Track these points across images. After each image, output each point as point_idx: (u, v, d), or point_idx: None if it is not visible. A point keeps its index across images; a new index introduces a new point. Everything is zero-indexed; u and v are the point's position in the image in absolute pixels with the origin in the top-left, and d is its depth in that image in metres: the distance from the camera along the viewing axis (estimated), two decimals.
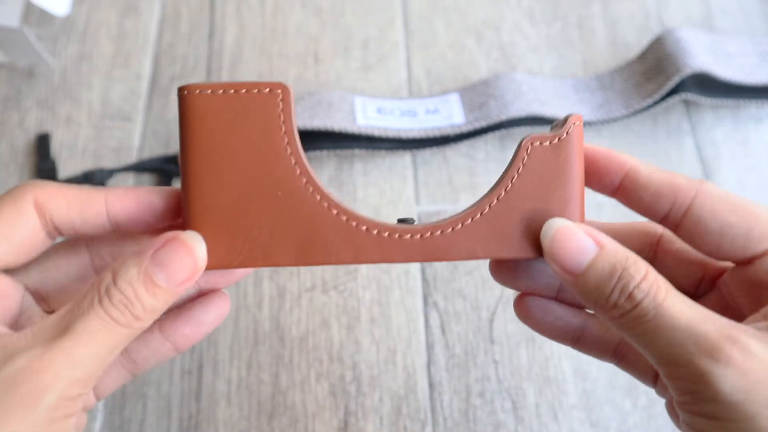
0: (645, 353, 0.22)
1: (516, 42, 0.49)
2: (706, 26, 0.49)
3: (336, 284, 0.41)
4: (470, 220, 0.24)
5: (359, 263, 0.24)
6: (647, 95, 0.44)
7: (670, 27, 0.47)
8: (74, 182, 0.43)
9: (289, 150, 0.23)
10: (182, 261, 0.22)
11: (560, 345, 0.29)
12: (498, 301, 0.40)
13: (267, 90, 0.23)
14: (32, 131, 0.46)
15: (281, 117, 0.23)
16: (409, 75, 0.48)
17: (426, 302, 0.40)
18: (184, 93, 0.23)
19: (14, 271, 0.25)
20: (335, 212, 0.23)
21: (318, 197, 0.23)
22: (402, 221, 0.25)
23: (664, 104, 0.44)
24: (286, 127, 0.23)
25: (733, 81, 0.44)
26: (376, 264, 0.40)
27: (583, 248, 0.22)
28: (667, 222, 0.24)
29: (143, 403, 0.38)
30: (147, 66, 0.49)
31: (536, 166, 0.24)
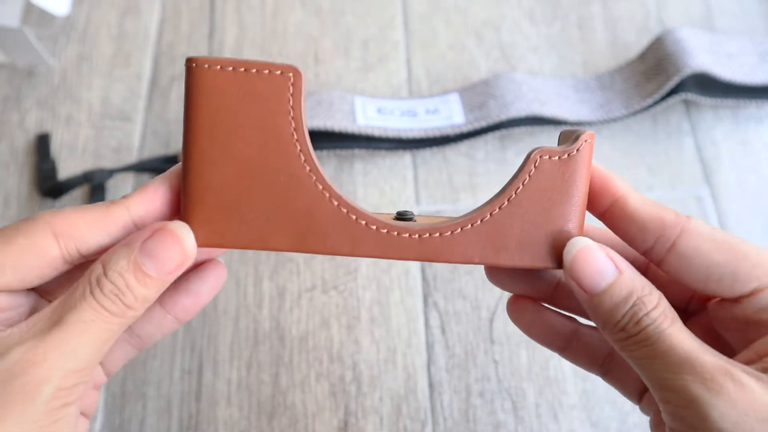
0: (641, 375, 0.22)
1: (516, 42, 0.49)
2: (706, 26, 0.49)
3: (336, 284, 0.41)
4: (470, 226, 0.24)
5: (355, 256, 0.24)
6: (647, 95, 0.44)
7: (670, 27, 0.47)
8: (74, 182, 0.43)
9: (296, 136, 0.23)
10: (171, 250, 0.22)
11: None
12: (498, 301, 0.40)
13: (278, 72, 0.22)
14: (32, 131, 0.46)
15: (290, 101, 0.23)
16: (409, 75, 0.48)
17: (426, 302, 0.40)
18: (193, 65, 0.22)
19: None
20: (336, 203, 0.23)
21: (320, 187, 0.23)
22: (401, 214, 0.25)
23: (664, 104, 0.44)
24: (294, 113, 0.23)
25: (733, 81, 0.44)
26: (372, 259, 0.40)
27: (603, 271, 0.23)
28: (651, 256, 0.24)
29: (143, 403, 0.38)
30: (147, 66, 0.49)
31: (542, 180, 0.24)
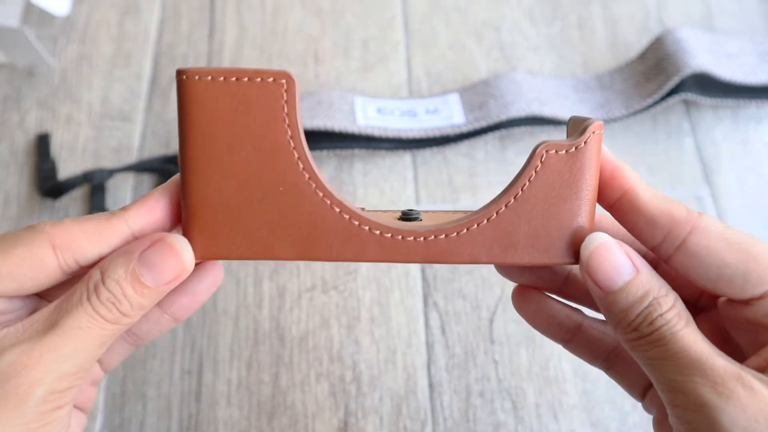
0: (651, 375, 0.22)
1: (516, 42, 0.49)
2: (706, 26, 0.49)
3: (336, 284, 0.41)
4: (476, 226, 0.23)
5: (360, 261, 0.23)
6: (647, 95, 0.44)
7: (670, 27, 0.47)
8: (74, 182, 0.43)
9: (292, 144, 0.22)
10: (169, 263, 0.22)
11: (561, 345, 0.29)
12: (498, 301, 0.40)
13: (271, 79, 0.22)
14: (32, 131, 0.46)
15: (285, 108, 0.22)
16: (409, 75, 0.48)
17: (426, 302, 0.40)
18: (183, 78, 0.22)
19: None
20: (338, 210, 0.23)
21: (321, 194, 0.23)
22: (406, 214, 0.25)
23: (664, 104, 0.44)
24: (290, 120, 0.22)
25: (733, 81, 0.44)
26: (377, 263, 0.40)
27: (620, 269, 0.22)
28: (659, 252, 0.23)
29: (143, 403, 0.38)
30: (147, 66, 0.49)
31: (549, 176, 0.23)
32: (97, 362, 0.27)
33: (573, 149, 0.23)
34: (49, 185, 0.43)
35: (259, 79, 0.22)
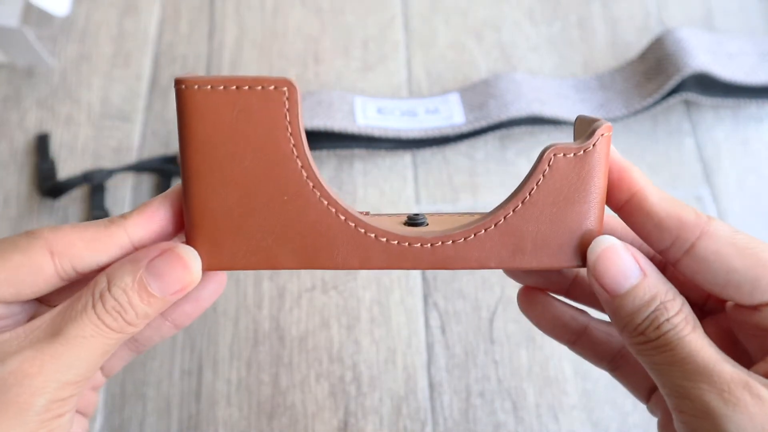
0: (657, 380, 0.22)
1: (516, 42, 0.49)
2: (706, 26, 0.49)
3: (336, 284, 0.41)
4: (483, 231, 0.23)
5: (366, 269, 0.23)
6: (648, 95, 0.44)
7: (671, 27, 0.47)
8: (74, 182, 0.43)
9: (296, 152, 0.22)
10: (177, 273, 0.22)
11: (560, 345, 0.29)
12: (498, 301, 0.40)
13: (271, 87, 0.21)
14: (32, 131, 0.46)
15: (287, 117, 0.22)
16: (409, 75, 0.48)
17: (426, 302, 0.40)
18: (182, 87, 0.21)
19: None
20: (343, 218, 0.23)
21: (326, 203, 0.22)
22: (412, 219, 0.24)
23: (665, 104, 0.44)
24: (292, 128, 0.22)
25: (734, 81, 0.44)
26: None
27: (627, 272, 0.22)
28: (668, 256, 0.23)
29: (143, 403, 0.38)
30: (147, 66, 0.49)
31: (557, 179, 0.22)
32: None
33: (581, 152, 0.22)
34: (49, 185, 0.43)
35: (260, 87, 0.21)
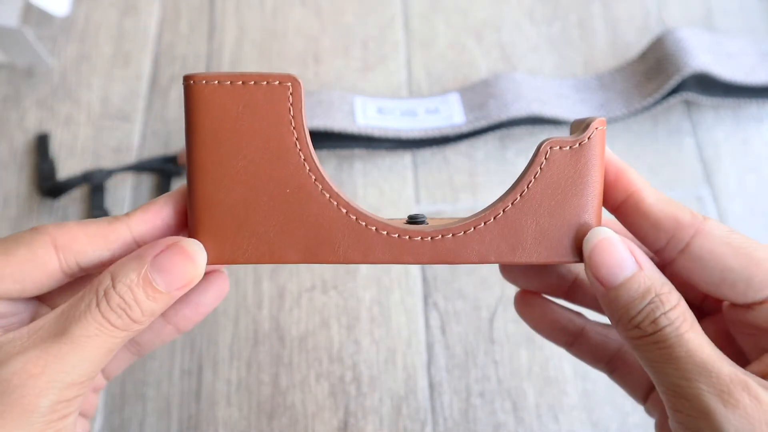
0: (654, 378, 0.22)
1: (516, 42, 0.49)
2: (706, 26, 0.49)
3: (336, 284, 0.41)
4: (483, 224, 0.23)
5: (368, 263, 0.23)
6: (648, 95, 0.44)
7: (671, 27, 0.47)
8: (74, 182, 0.43)
9: (299, 146, 0.22)
10: (182, 267, 0.22)
11: None
12: (498, 301, 0.40)
13: (276, 82, 0.22)
14: (32, 131, 0.46)
15: (291, 111, 0.22)
16: (409, 75, 0.48)
17: (426, 302, 0.40)
18: (190, 83, 0.22)
19: None
20: (345, 211, 0.23)
21: (327, 196, 0.23)
22: (413, 218, 0.25)
23: (665, 104, 0.44)
24: (296, 123, 0.22)
25: (734, 81, 0.44)
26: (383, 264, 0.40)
27: (623, 264, 0.22)
28: (662, 256, 0.23)
29: (143, 403, 0.38)
30: (147, 66, 0.49)
31: (554, 172, 0.23)
32: None
33: (577, 145, 0.23)
34: (49, 185, 0.43)
35: (265, 83, 0.22)
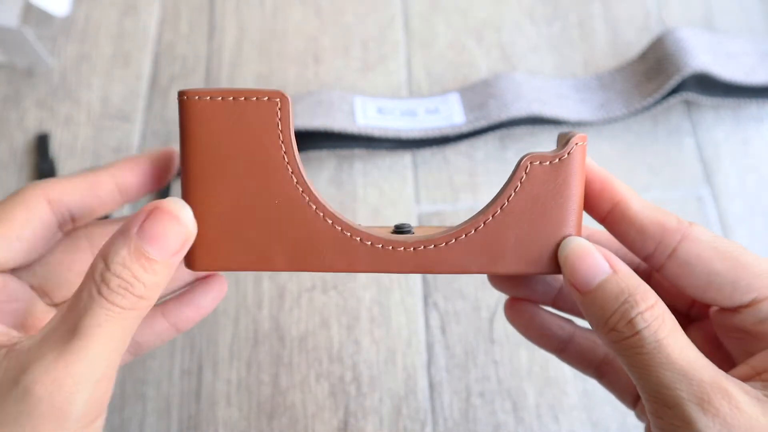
0: (635, 383, 0.22)
1: (516, 42, 0.49)
2: (706, 26, 0.49)
3: (336, 284, 0.41)
4: (464, 236, 0.24)
5: (353, 272, 0.24)
6: (648, 95, 0.44)
7: (671, 27, 0.47)
8: None
9: (287, 159, 0.23)
10: (171, 230, 0.21)
11: None
12: (498, 302, 0.40)
13: (265, 98, 0.23)
14: (32, 131, 0.46)
15: (279, 126, 0.23)
16: (409, 75, 0.48)
17: (426, 302, 0.40)
18: (184, 98, 0.23)
19: (20, 272, 0.25)
20: (330, 222, 0.24)
21: (314, 207, 0.24)
22: (399, 228, 0.26)
23: (665, 104, 0.44)
24: (284, 137, 0.23)
25: (734, 81, 0.44)
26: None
27: (597, 268, 0.22)
28: (652, 261, 0.24)
29: (143, 403, 0.38)
30: (147, 66, 0.49)
31: (534, 186, 0.23)
32: None
33: (557, 160, 0.23)
34: None
35: (255, 99, 0.23)
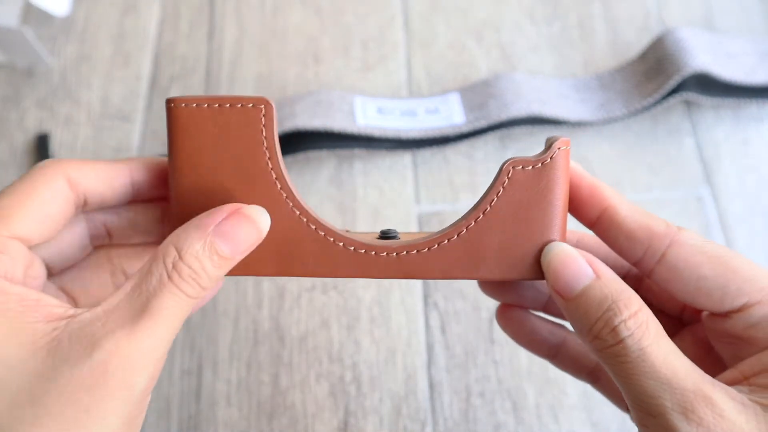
0: (621, 390, 0.22)
1: (516, 42, 0.49)
2: (706, 26, 0.49)
3: (336, 284, 0.41)
4: (446, 241, 0.24)
5: (336, 277, 0.24)
6: (648, 95, 0.44)
7: (671, 27, 0.47)
8: None
9: (270, 165, 0.24)
10: (246, 232, 0.23)
11: None
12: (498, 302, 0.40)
13: (250, 105, 0.23)
14: (32, 131, 0.46)
15: (263, 132, 0.24)
16: (409, 75, 0.48)
17: (426, 302, 0.40)
18: (171, 105, 0.24)
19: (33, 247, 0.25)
20: (314, 227, 0.24)
21: (297, 212, 0.24)
22: (384, 233, 0.26)
23: (665, 104, 0.44)
24: (268, 143, 0.24)
25: (734, 81, 0.44)
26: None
27: (580, 274, 0.22)
28: (641, 266, 0.23)
29: None
30: (147, 66, 0.49)
31: (516, 191, 0.23)
32: None
33: (539, 165, 0.23)
34: None
35: (239, 105, 0.24)
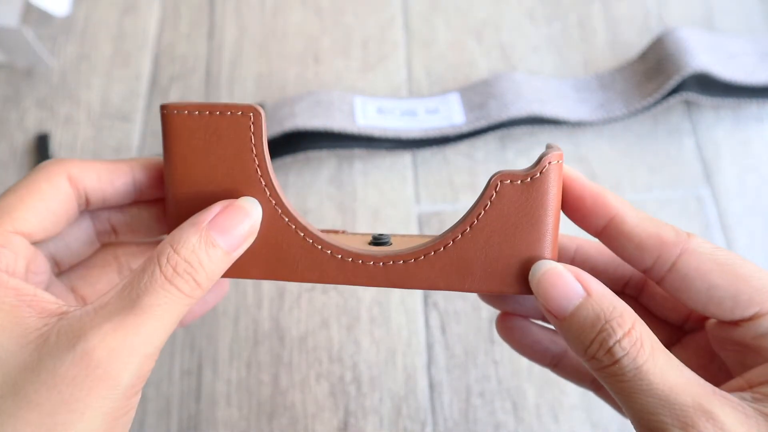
0: (621, 407, 0.22)
1: (516, 42, 0.49)
2: (706, 26, 0.49)
3: (336, 284, 0.41)
4: (433, 253, 0.24)
5: (324, 283, 0.24)
6: (648, 95, 0.44)
7: (671, 27, 0.47)
8: None
9: (260, 172, 0.24)
10: (240, 223, 0.23)
11: None
12: None
13: (239, 113, 0.24)
14: (31, 131, 0.46)
15: (252, 140, 0.24)
16: (409, 75, 0.48)
17: (426, 302, 0.40)
18: (164, 112, 0.24)
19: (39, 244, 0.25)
20: (302, 234, 0.24)
21: (286, 219, 0.24)
22: (376, 239, 0.26)
23: (665, 104, 0.44)
24: (257, 150, 0.24)
25: (734, 81, 0.44)
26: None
27: (570, 293, 0.22)
28: (651, 275, 0.23)
29: (143, 403, 0.38)
30: (146, 66, 0.49)
31: (504, 206, 0.23)
32: None
33: (528, 179, 0.23)
34: None
35: (229, 113, 0.24)
